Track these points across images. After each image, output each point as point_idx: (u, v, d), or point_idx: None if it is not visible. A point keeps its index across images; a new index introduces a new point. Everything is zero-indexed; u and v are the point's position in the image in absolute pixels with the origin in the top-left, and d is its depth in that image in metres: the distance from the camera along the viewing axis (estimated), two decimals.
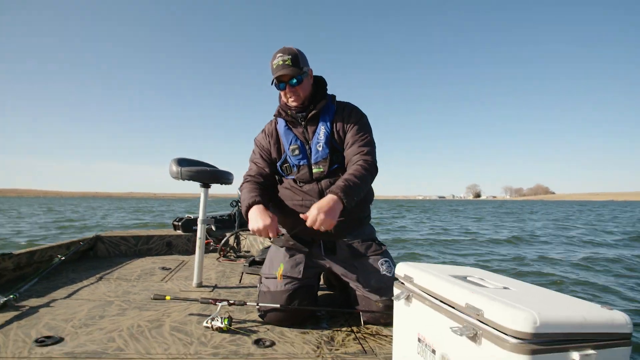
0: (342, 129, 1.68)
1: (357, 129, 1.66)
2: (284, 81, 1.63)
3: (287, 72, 1.59)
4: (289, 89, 1.64)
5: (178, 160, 2.14)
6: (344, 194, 1.45)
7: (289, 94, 1.65)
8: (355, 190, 1.49)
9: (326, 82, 1.77)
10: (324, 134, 1.65)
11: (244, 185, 1.73)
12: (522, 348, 0.65)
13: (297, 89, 1.64)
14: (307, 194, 1.64)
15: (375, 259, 1.65)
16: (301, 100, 1.67)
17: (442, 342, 0.84)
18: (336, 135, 1.68)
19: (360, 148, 1.62)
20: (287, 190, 1.72)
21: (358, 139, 1.64)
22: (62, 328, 1.46)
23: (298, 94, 1.65)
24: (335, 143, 1.68)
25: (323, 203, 1.42)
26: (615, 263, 6.55)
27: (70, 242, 2.84)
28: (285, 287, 1.57)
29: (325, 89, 1.76)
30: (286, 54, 1.61)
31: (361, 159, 1.59)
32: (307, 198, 1.63)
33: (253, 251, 3.43)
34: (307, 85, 1.68)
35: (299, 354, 1.28)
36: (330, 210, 1.41)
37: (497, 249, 8.64)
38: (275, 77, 1.62)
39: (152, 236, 3.32)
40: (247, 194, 1.64)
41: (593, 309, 0.73)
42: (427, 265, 1.06)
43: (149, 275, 2.42)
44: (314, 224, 1.40)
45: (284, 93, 1.68)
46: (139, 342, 1.34)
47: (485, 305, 0.72)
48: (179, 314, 1.66)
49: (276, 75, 1.61)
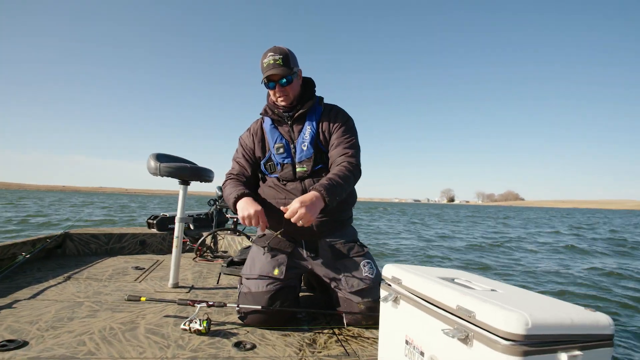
0: (328, 130, 1.69)
1: (342, 131, 1.68)
2: (274, 80, 1.64)
3: (277, 72, 1.60)
4: (278, 89, 1.65)
5: (157, 155, 2.06)
6: (327, 192, 1.46)
7: (279, 93, 1.66)
8: (338, 190, 1.51)
9: (315, 84, 1.79)
10: (310, 134, 1.67)
11: (227, 182, 1.72)
12: (514, 349, 0.65)
13: (287, 89, 1.65)
14: (290, 193, 1.65)
15: (358, 260, 1.65)
16: (290, 100, 1.68)
17: (431, 344, 0.84)
18: (321, 136, 1.69)
19: (345, 150, 1.64)
20: (270, 188, 1.71)
21: (343, 141, 1.66)
22: (27, 331, 1.36)
23: (287, 94, 1.66)
24: (320, 144, 1.69)
25: (305, 198, 1.43)
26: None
27: (35, 238, 2.68)
28: (267, 287, 1.54)
29: (313, 90, 1.78)
30: (277, 54, 1.62)
31: (345, 161, 1.61)
32: (290, 197, 1.63)
33: (231, 251, 3.35)
34: (297, 86, 1.70)
35: (280, 356, 1.25)
36: (312, 205, 1.42)
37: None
38: (265, 76, 1.62)
39: (124, 234, 3.18)
40: (233, 188, 1.64)
41: (578, 311, 0.74)
42: (415, 267, 1.06)
43: (122, 275, 2.32)
44: (292, 216, 1.40)
45: (273, 92, 1.69)
46: (111, 346, 1.27)
47: (477, 307, 0.73)
48: (154, 315, 1.59)
49: (266, 74, 1.61)
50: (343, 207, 1.73)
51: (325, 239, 1.68)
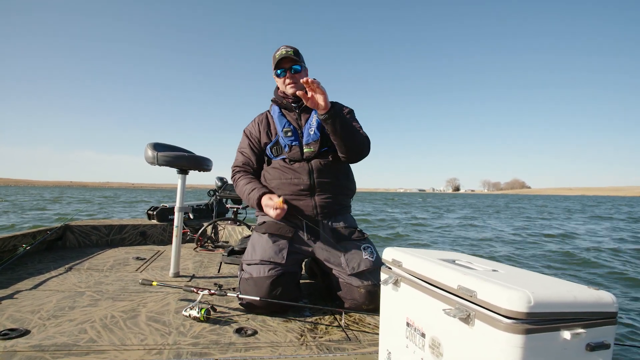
0: None
1: (350, 118, 1.83)
2: (285, 67, 1.75)
3: (289, 59, 1.74)
4: (289, 75, 1.75)
5: (154, 144, 2.04)
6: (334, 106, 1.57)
7: (289, 80, 1.76)
8: (346, 120, 1.62)
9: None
10: (317, 120, 1.75)
11: (238, 177, 1.81)
12: (516, 328, 0.64)
13: (296, 77, 1.75)
14: (296, 172, 1.71)
15: (358, 244, 1.68)
16: (298, 88, 1.75)
17: (432, 325, 0.83)
18: None
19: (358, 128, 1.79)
20: (275, 170, 1.76)
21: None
22: (28, 320, 1.37)
23: (297, 81, 1.75)
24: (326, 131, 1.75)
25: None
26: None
27: (36, 230, 2.68)
28: (269, 273, 1.54)
29: None
30: (289, 48, 1.76)
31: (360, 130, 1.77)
32: (296, 176, 1.70)
33: (231, 241, 3.36)
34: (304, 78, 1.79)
35: (282, 342, 1.25)
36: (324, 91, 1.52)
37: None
38: (276, 62, 1.74)
39: (125, 225, 3.19)
40: (250, 186, 1.73)
41: (581, 289, 0.73)
42: (415, 250, 1.05)
43: (123, 266, 2.32)
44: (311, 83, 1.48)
45: (282, 80, 1.78)
46: (113, 333, 1.27)
47: (478, 287, 0.71)
48: (155, 304, 1.59)
49: (278, 59, 1.73)
50: (344, 192, 1.80)
51: (326, 221, 1.72)
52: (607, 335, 0.70)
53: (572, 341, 0.66)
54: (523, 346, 0.64)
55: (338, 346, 1.23)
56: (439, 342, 0.80)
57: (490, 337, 0.67)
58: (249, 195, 1.71)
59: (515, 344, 0.64)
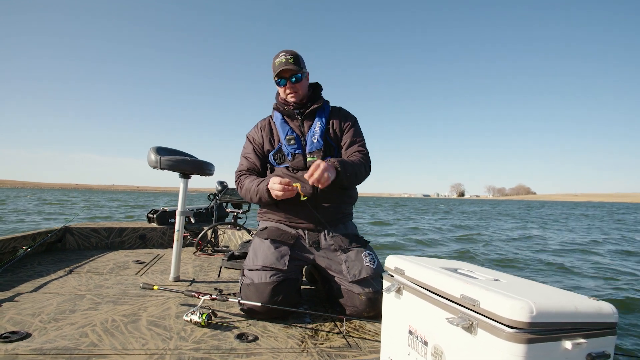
0: (339, 127, 1.81)
1: (353, 132, 1.82)
2: (285, 77, 1.74)
3: (289, 69, 1.71)
4: (289, 85, 1.75)
5: (157, 148, 2.05)
6: (340, 164, 1.57)
7: (289, 90, 1.76)
8: (349, 167, 1.61)
9: (322, 88, 1.92)
10: (320, 128, 1.76)
11: (243, 179, 1.80)
12: (518, 337, 0.65)
13: (297, 86, 1.75)
14: (299, 180, 1.70)
15: (359, 252, 1.68)
16: (299, 97, 1.78)
17: (434, 333, 0.84)
18: (331, 132, 1.80)
19: (359, 148, 1.79)
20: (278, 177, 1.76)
21: (356, 141, 1.81)
22: (29, 323, 1.36)
23: (297, 91, 1.76)
24: (329, 138, 1.79)
25: (322, 161, 1.52)
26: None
27: (36, 232, 2.68)
28: (270, 279, 1.54)
29: (321, 93, 1.90)
30: (289, 54, 1.74)
31: (359, 154, 1.75)
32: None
33: (232, 246, 3.36)
34: (305, 85, 1.81)
35: (283, 348, 1.25)
36: (329, 166, 1.50)
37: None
38: (277, 73, 1.73)
39: (125, 228, 3.18)
40: (257, 180, 1.72)
41: (582, 299, 0.74)
42: (417, 258, 1.06)
43: (123, 269, 2.32)
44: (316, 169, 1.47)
45: (283, 89, 1.78)
46: (114, 337, 1.27)
47: (481, 296, 0.72)
48: (156, 308, 1.59)
49: (278, 70, 1.71)
50: (346, 200, 1.80)
51: (328, 229, 1.73)
52: (607, 345, 0.71)
53: (573, 351, 0.68)
54: (525, 355, 0.65)
55: (339, 353, 1.23)
56: (441, 351, 0.81)
57: (492, 346, 0.68)
58: (257, 186, 1.68)
59: (518, 353, 0.65)
